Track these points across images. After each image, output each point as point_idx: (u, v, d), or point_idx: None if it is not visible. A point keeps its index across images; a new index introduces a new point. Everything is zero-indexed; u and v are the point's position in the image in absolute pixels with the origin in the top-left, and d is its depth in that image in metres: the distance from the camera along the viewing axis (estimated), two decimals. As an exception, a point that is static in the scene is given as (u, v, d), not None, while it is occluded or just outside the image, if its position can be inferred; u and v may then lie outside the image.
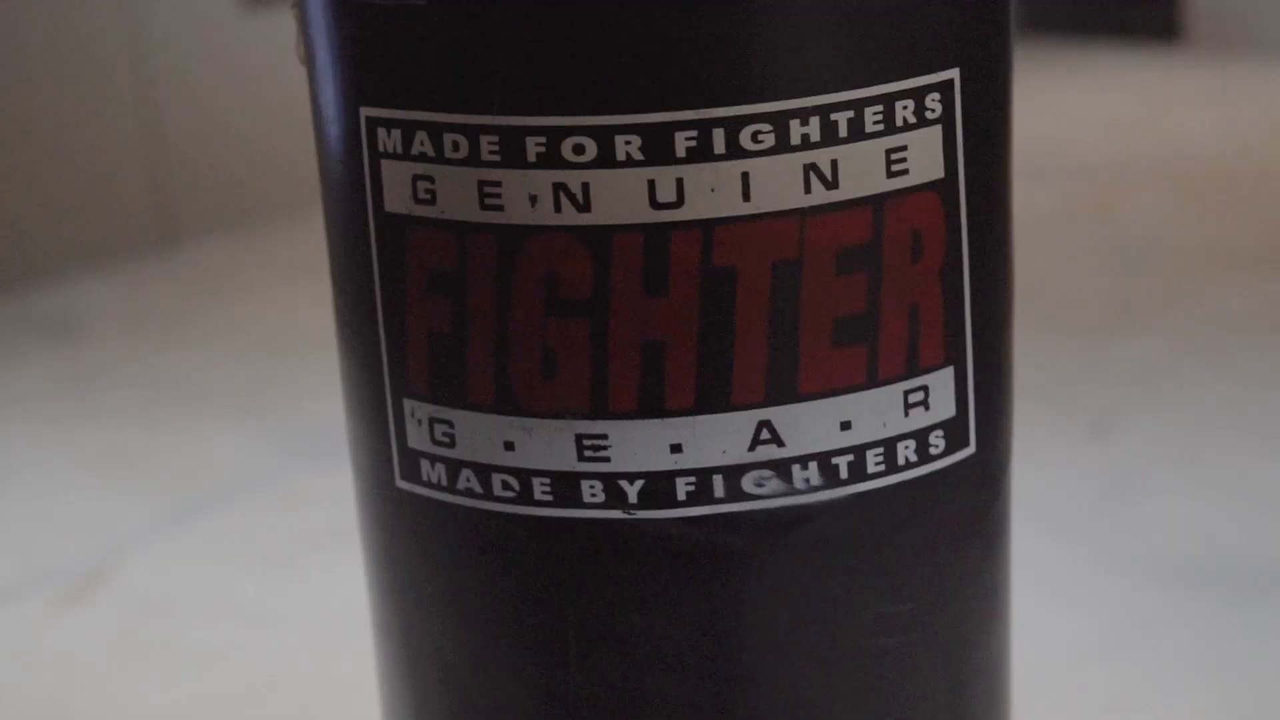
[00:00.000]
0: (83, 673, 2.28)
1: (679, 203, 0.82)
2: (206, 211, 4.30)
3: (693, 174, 0.82)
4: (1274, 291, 3.51)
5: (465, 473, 0.89)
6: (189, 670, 2.25)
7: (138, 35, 4.13)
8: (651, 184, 0.82)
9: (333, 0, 0.88)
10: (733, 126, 0.82)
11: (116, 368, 3.49)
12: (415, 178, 0.86)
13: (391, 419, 0.91)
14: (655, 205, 0.82)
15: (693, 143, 0.82)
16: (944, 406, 0.89)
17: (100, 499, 2.86)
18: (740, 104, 0.82)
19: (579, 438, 0.86)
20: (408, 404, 0.90)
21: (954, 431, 0.89)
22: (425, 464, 0.90)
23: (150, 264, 4.15)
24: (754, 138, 0.82)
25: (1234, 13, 5.26)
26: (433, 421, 0.89)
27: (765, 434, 0.85)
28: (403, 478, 0.92)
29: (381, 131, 0.87)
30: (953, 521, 0.91)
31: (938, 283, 0.87)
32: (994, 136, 0.89)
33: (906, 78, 0.84)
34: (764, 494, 0.86)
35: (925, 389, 0.88)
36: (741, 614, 0.88)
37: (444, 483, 0.90)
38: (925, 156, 0.85)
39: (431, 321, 0.88)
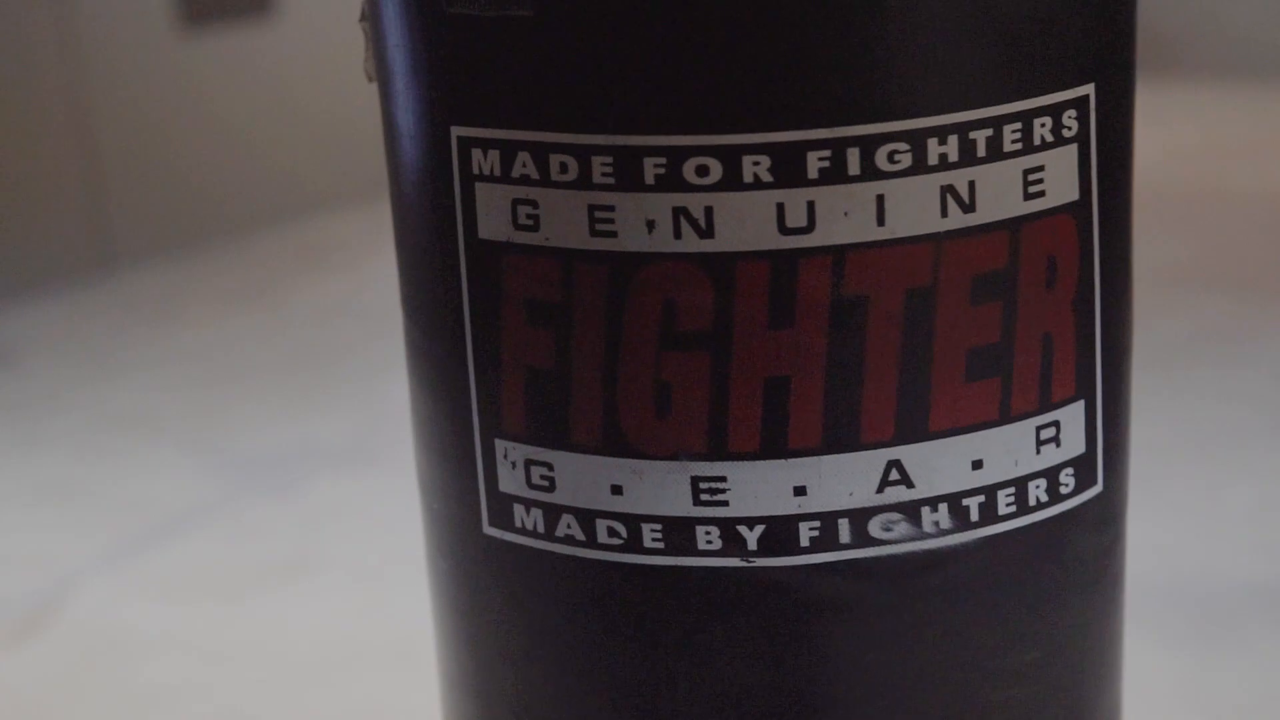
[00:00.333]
0: (30, 713, 2.19)
1: (809, 228, 0.77)
2: (145, 237, 4.20)
3: (825, 197, 0.76)
4: (1216, 314, 3.49)
5: (566, 518, 0.83)
6: (140, 709, 2.17)
7: (72, 55, 4.03)
8: (780, 207, 0.76)
9: (420, 12, 0.82)
10: (869, 145, 0.76)
11: (56, 397, 3.39)
12: (516, 202, 0.80)
13: (480, 460, 0.85)
14: (784, 230, 0.77)
15: (825, 163, 0.76)
16: (1075, 443, 0.84)
17: (44, 532, 2.76)
18: (877, 121, 0.76)
19: (695, 480, 0.80)
20: (499, 444, 0.84)
21: (1083, 469, 0.84)
22: (519, 509, 0.84)
23: (88, 291, 4.05)
24: (890, 158, 0.76)
25: (1165, 36, 5.28)
26: (529, 463, 0.83)
27: (894, 474, 0.80)
28: (491, 524, 0.85)
29: (476, 152, 0.81)
30: (1080, 565, 0.86)
31: (1071, 311, 0.82)
32: (1123, 156, 0.84)
33: (1045, 93, 0.79)
34: (892, 539, 0.80)
35: (1057, 424, 0.83)
36: (864, 667, 0.82)
37: (540, 529, 0.84)
38: (1061, 177, 0.80)
39: (530, 355, 0.82)
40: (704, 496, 0.80)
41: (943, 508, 0.81)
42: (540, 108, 0.79)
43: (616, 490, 0.81)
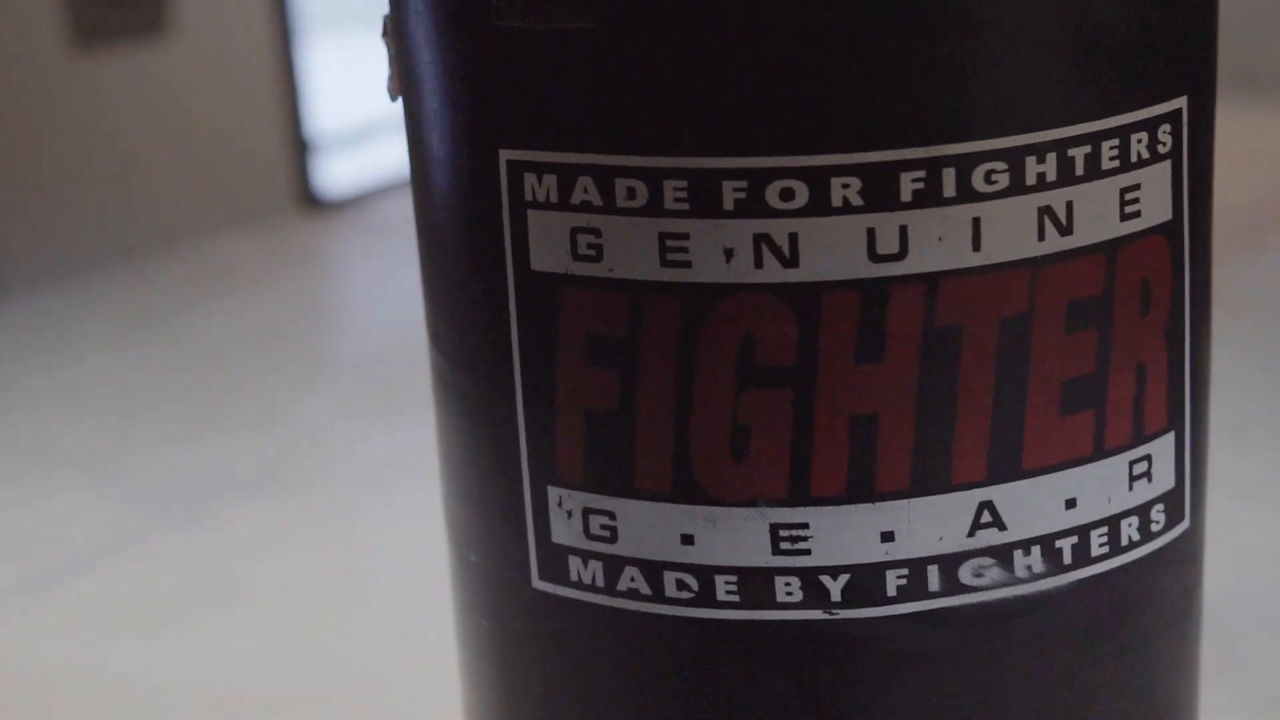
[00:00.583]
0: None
1: (901, 254, 0.71)
2: (37, 264, 4.07)
3: (918, 221, 0.71)
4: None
5: (629, 571, 0.77)
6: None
7: (-43, 76, 3.90)
8: (871, 233, 0.71)
9: (463, 26, 0.76)
10: (965, 165, 0.71)
11: (-49, 430, 3.27)
12: (575, 231, 0.74)
13: (530, 510, 0.79)
14: (874, 258, 0.71)
15: (920, 185, 0.71)
16: (1165, 477, 0.79)
17: (-49, 570, 2.66)
18: (974, 139, 0.71)
19: (774, 528, 0.74)
20: (553, 493, 0.78)
21: (1173, 505, 0.79)
22: (575, 562, 0.78)
23: (-21, 319, 3.92)
24: (987, 178, 0.71)
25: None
26: (587, 513, 0.77)
27: (986, 516, 0.75)
28: (542, 578, 0.79)
29: (530, 178, 0.74)
30: (1168, 606, 0.81)
31: (1162, 338, 0.77)
32: (1208, 172, 0.80)
33: (1141, 107, 0.74)
34: (983, 585, 0.75)
35: (1149, 459, 0.78)
36: (955, 722, 0.77)
37: (599, 583, 0.77)
38: (1156, 196, 0.75)
39: (590, 397, 0.75)
40: (784, 545, 0.74)
41: (1035, 550, 0.75)
42: (604, 128, 0.73)
43: (687, 540, 0.75)
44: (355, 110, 5.48)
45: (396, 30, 0.82)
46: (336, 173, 5.20)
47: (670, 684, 0.78)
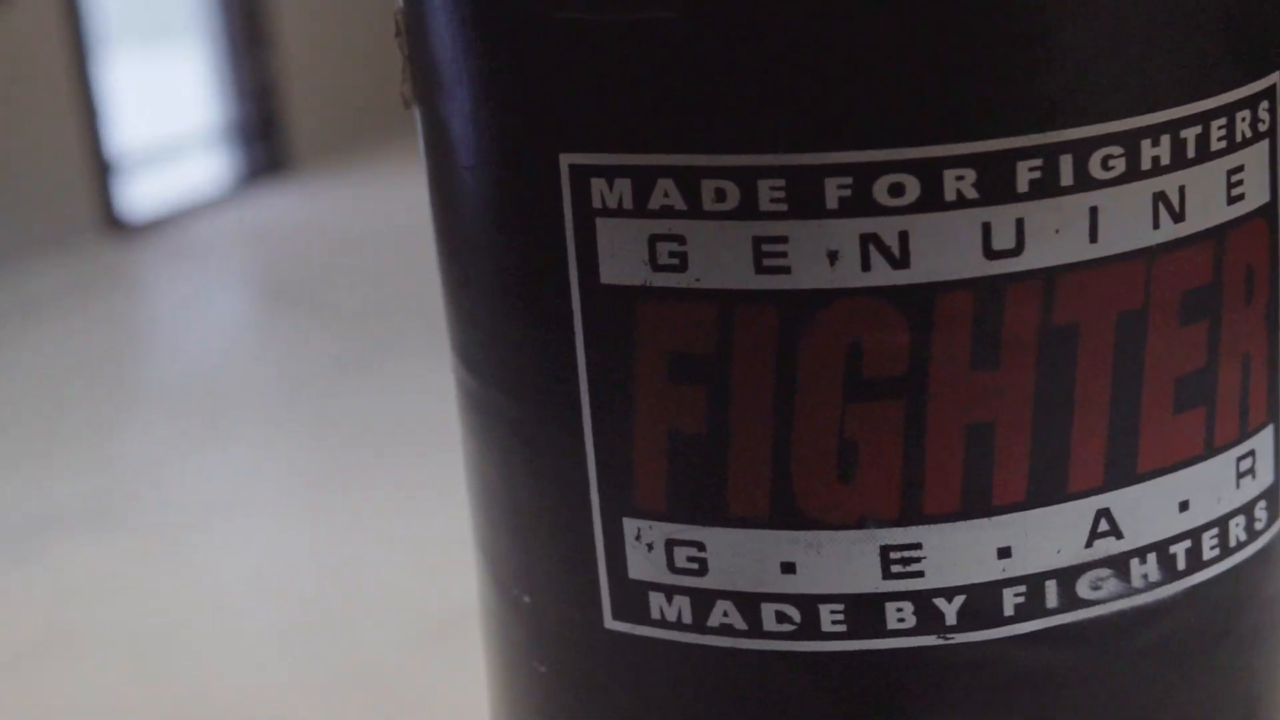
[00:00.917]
0: None
1: (1017, 249, 0.66)
2: None
3: (1035, 213, 0.66)
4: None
5: (721, 605, 0.71)
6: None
7: None
8: (986, 228, 0.66)
9: (511, 20, 0.69)
10: (1082, 151, 0.66)
11: None
12: (654, 239, 0.68)
13: (601, 545, 0.72)
14: (990, 254, 0.66)
15: (1037, 174, 0.66)
16: (1265, 473, 0.75)
17: None
18: (1090, 124, 0.66)
19: (885, 550, 0.69)
20: (629, 525, 0.71)
21: (1273, 501, 0.76)
22: (657, 598, 0.72)
23: None
24: (1104, 164, 0.66)
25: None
26: (671, 544, 0.71)
27: (1104, 525, 0.70)
28: (617, 617, 0.73)
29: (598, 184, 0.68)
30: (1271, 606, 0.77)
31: (1263, 327, 0.73)
32: (1292, 150, 0.76)
33: (1243, 84, 0.70)
34: (1100, 598, 0.70)
35: (1253, 454, 0.74)
36: (1074, 746, 0.72)
37: (686, 620, 0.71)
38: (1257, 177, 0.71)
39: (674, 419, 0.69)
40: (895, 568, 0.69)
41: (1151, 558, 0.71)
42: (688, 126, 0.67)
43: (788, 568, 0.69)
44: (160, 128, 5.32)
45: (413, 29, 0.75)
46: (142, 194, 5.04)
47: (766, 724, 0.72)
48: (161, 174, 5.20)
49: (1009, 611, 0.70)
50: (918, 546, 0.69)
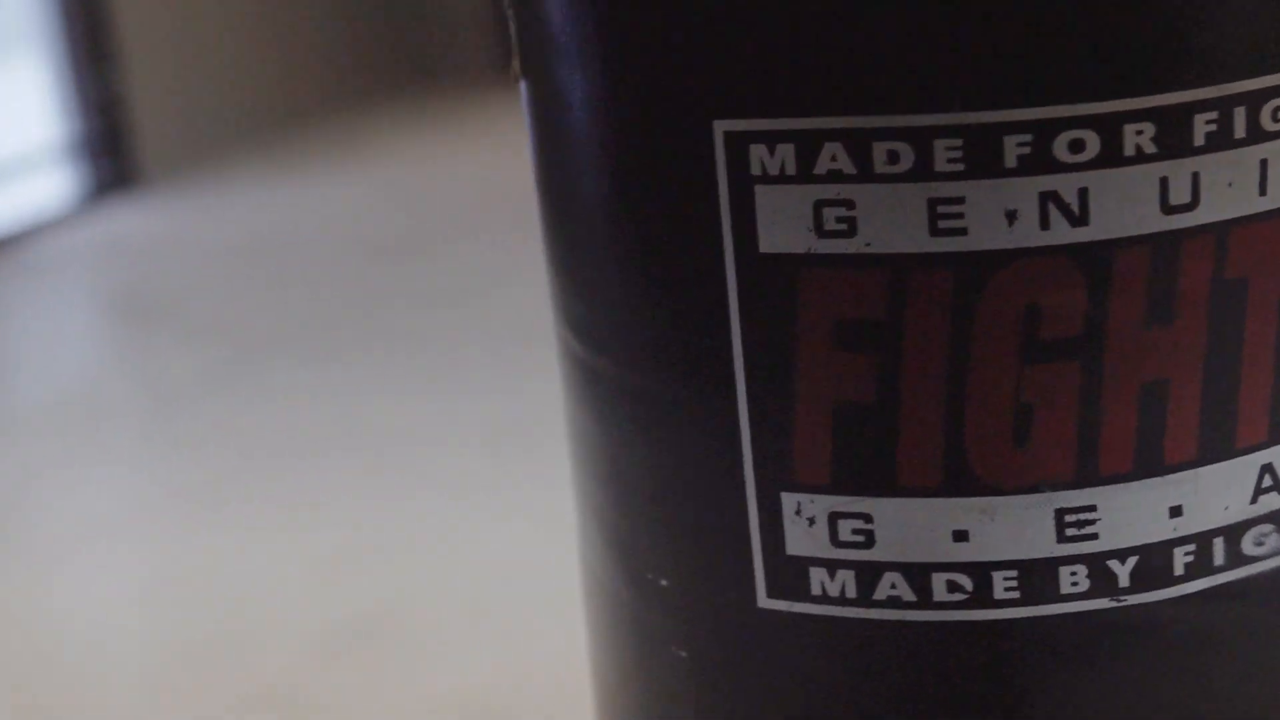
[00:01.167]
0: None
1: (1193, 204, 0.66)
2: None
3: (1210, 166, 0.66)
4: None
5: (889, 577, 0.69)
6: None
7: None
8: (1164, 183, 0.65)
9: (662, -16, 0.67)
10: (1254, 103, 0.66)
11: None
12: (820, 204, 0.66)
13: (755, 522, 0.71)
14: (1166, 210, 0.65)
15: (1212, 127, 0.65)
16: (1400, 424, 0.75)
17: None
18: (1264, 75, 0.66)
19: (1059, 513, 0.68)
20: (788, 499, 0.70)
21: (1404, 453, 0.76)
22: (818, 573, 0.70)
23: None
24: (1274, 115, 0.66)
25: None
26: (835, 518, 0.69)
27: (1267, 480, 0.70)
28: (772, 595, 0.71)
29: (758, 150, 0.67)
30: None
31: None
32: None
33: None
34: (1263, 554, 0.70)
35: (1392, 405, 0.74)
36: (1240, 702, 0.72)
37: (850, 594, 0.70)
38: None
39: (841, 388, 0.68)
40: (1070, 531, 0.68)
41: (1309, 513, 0.71)
42: (858, 87, 0.65)
43: (960, 536, 0.68)
44: (1, 144, 5.18)
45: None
46: (-13, 211, 4.91)
47: (936, 692, 0.71)
48: (4, 191, 5.06)
49: (1179, 571, 0.69)
50: (1092, 509, 0.68)
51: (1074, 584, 0.69)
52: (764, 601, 0.71)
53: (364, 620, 2.28)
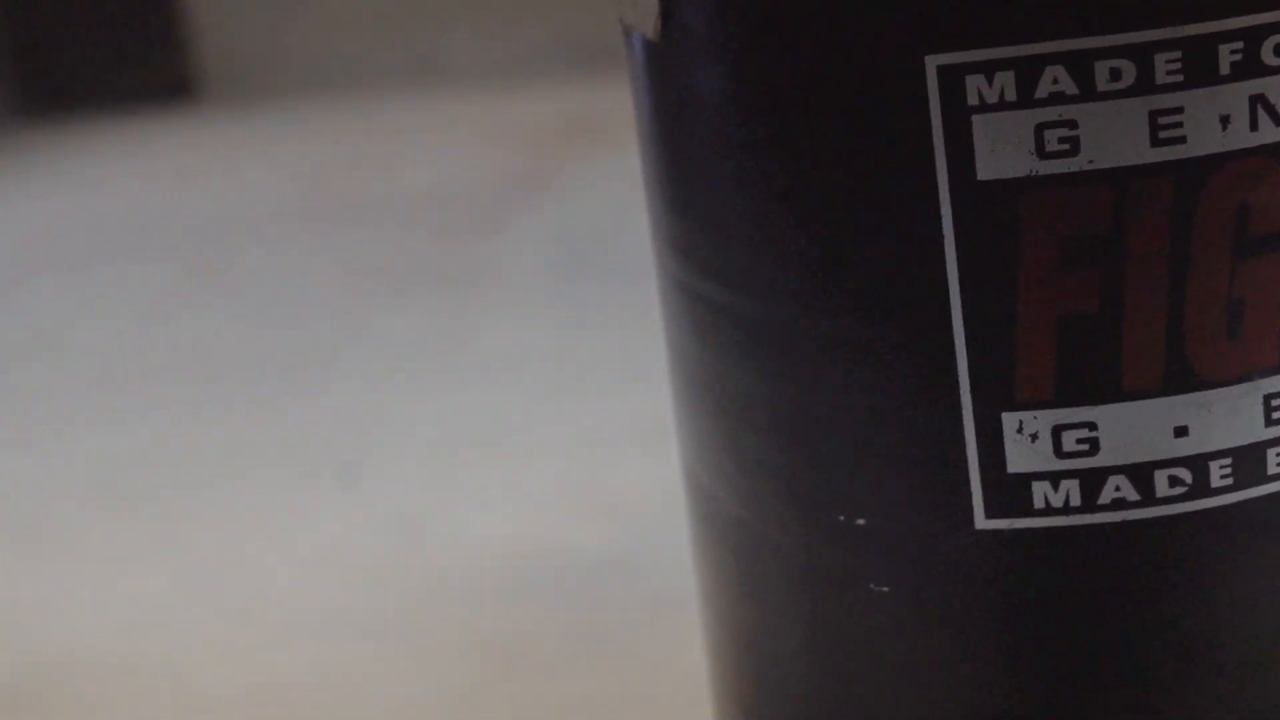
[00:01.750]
0: None
1: (1375, 100, 0.71)
2: None
3: (1387, 60, 0.71)
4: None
5: (1114, 481, 0.72)
6: None
7: None
8: (1355, 80, 0.70)
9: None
10: None
11: None
12: (1041, 127, 0.69)
13: (973, 445, 0.73)
14: (1358, 105, 0.71)
15: (1389, 24, 0.71)
16: None
17: None
18: None
19: (1267, 399, 0.72)
20: (1009, 419, 0.72)
21: None
22: (1041, 487, 0.73)
23: None
24: None
25: (246, 65, 5.16)
26: (1059, 430, 0.72)
27: None
28: (990, 515, 0.73)
29: (975, 80, 0.69)
30: None
31: None
32: None
33: None
34: None
35: None
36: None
37: (1075, 502, 0.73)
38: None
39: (1066, 303, 0.71)
40: (1276, 415, 0.73)
41: None
42: (1079, 9, 0.68)
43: (1180, 432, 0.72)
44: None
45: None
46: None
47: (1153, 586, 0.74)
48: None
49: (1366, 443, 0.74)
50: (1291, 391, 0.72)
51: (1278, 465, 0.73)
52: (982, 523, 0.73)
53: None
